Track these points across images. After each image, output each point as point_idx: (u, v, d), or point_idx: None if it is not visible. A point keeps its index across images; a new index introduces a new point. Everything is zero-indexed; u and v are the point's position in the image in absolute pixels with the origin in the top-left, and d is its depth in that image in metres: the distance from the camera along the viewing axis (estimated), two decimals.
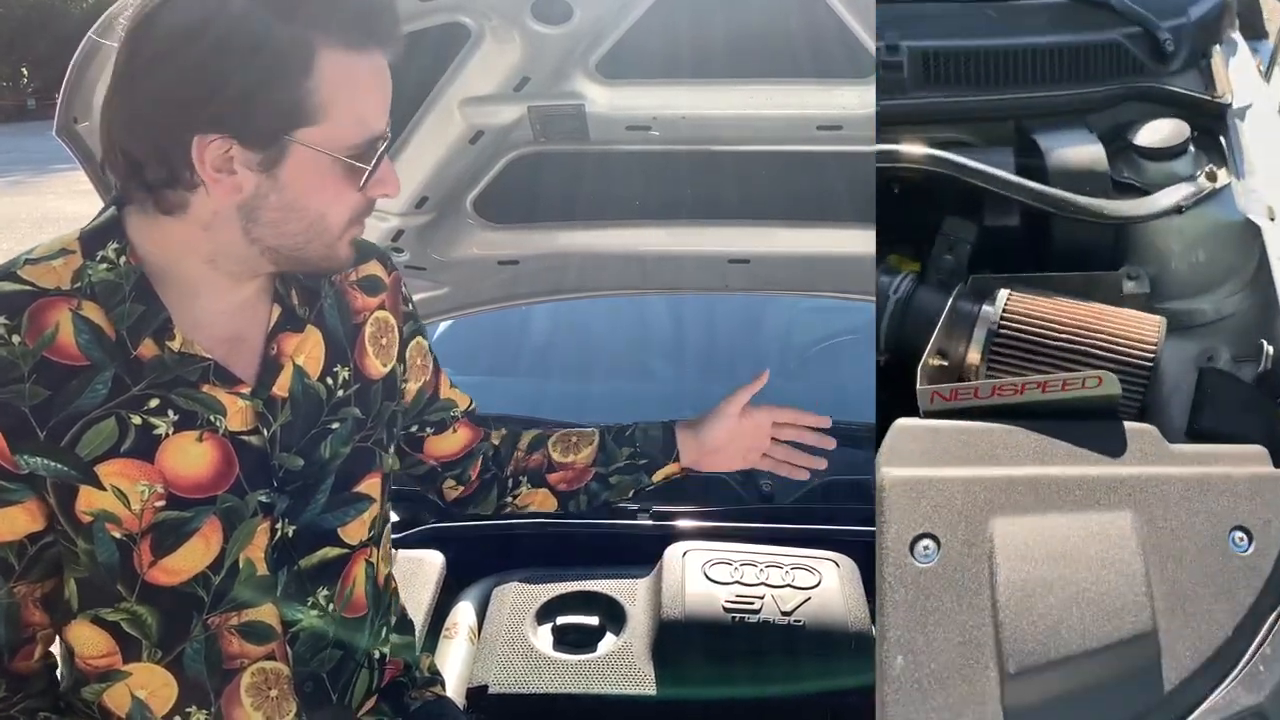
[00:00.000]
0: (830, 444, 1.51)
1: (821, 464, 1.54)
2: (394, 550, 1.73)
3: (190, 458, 1.12)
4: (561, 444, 1.51)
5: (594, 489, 1.50)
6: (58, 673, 1.25)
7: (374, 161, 1.09)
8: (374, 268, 1.32)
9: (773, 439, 1.53)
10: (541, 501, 1.52)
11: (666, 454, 1.50)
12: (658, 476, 1.51)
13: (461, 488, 1.50)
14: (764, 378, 1.52)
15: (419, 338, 1.41)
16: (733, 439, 1.50)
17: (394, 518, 1.78)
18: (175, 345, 1.11)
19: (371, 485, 1.27)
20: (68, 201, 15.06)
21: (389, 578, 1.39)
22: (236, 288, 1.16)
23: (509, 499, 1.51)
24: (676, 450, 1.50)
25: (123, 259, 1.11)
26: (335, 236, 1.12)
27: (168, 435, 1.11)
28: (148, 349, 1.10)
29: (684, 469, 1.51)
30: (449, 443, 1.47)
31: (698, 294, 2.37)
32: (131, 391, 1.10)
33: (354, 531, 1.26)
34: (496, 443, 1.52)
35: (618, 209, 2.04)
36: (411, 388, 1.39)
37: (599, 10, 1.60)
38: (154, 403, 1.11)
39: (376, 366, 1.29)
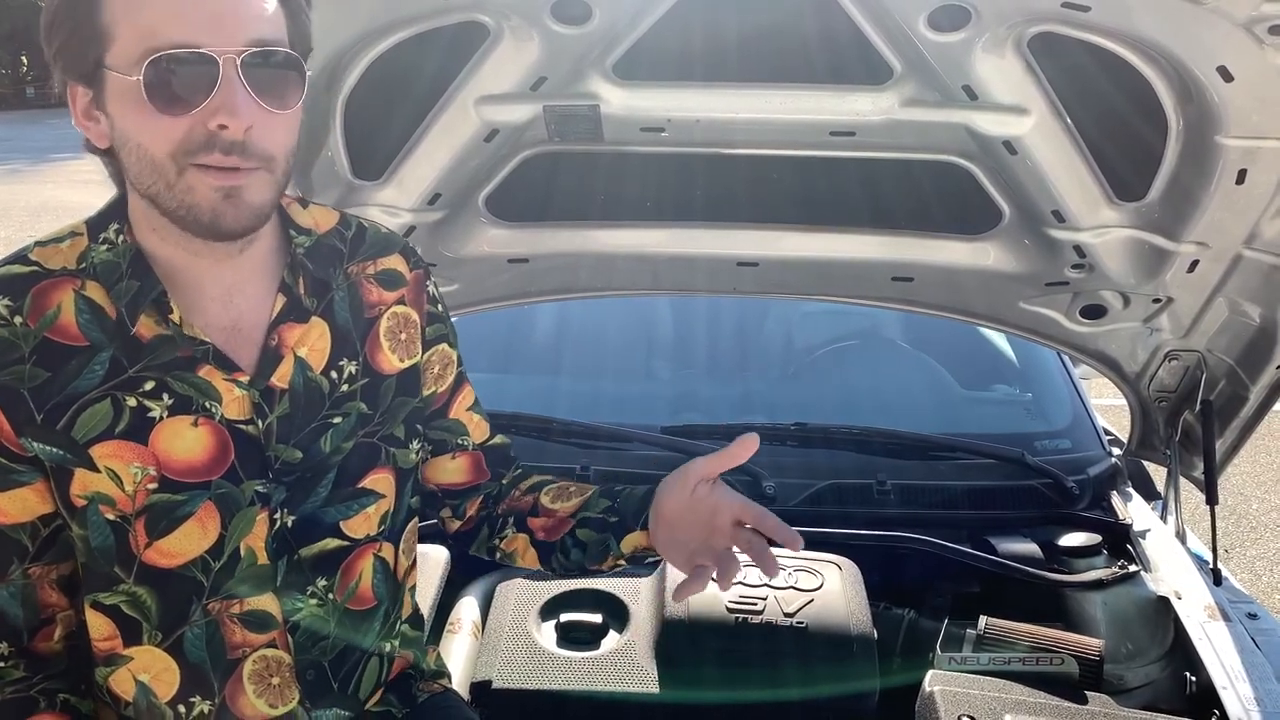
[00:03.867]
0: (773, 571, 1.24)
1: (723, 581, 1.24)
2: None
3: (184, 442, 1.13)
4: (556, 491, 1.39)
5: (567, 545, 1.35)
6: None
7: (152, 73, 1.01)
8: (395, 261, 1.30)
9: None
10: (523, 550, 1.39)
11: (637, 517, 1.30)
12: (625, 545, 1.31)
13: (458, 522, 1.44)
14: (750, 444, 1.23)
15: (445, 345, 1.35)
16: (683, 515, 1.25)
17: None
18: (175, 319, 1.12)
19: (378, 481, 1.26)
20: (66, 190, 15.05)
21: (409, 572, 1.37)
22: (214, 269, 1.15)
23: (497, 541, 1.41)
24: (647, 515, 1.29)
25: (121, 239, 1.13)
26: (172, 174, 1.04)
27: (162, 418, 1.12)
28: (147, 328, 1.12)
29: (650, 544, 1.30)
30: (446, 471, 1.40)
31: (707, 296, 2.38)
32: (128, 373, 1.11)
33: (358, 526, 1.25)
34: (505, 482, 1.44)
35: (629, 210, 2.05)
36: (423, 393, 1.34)
37: (618, 12, 1.61)
38: (149, 385, 1.12)
39: (392, 361, 1.27)
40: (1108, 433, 2.59)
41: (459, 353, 1.39)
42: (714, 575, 1.24)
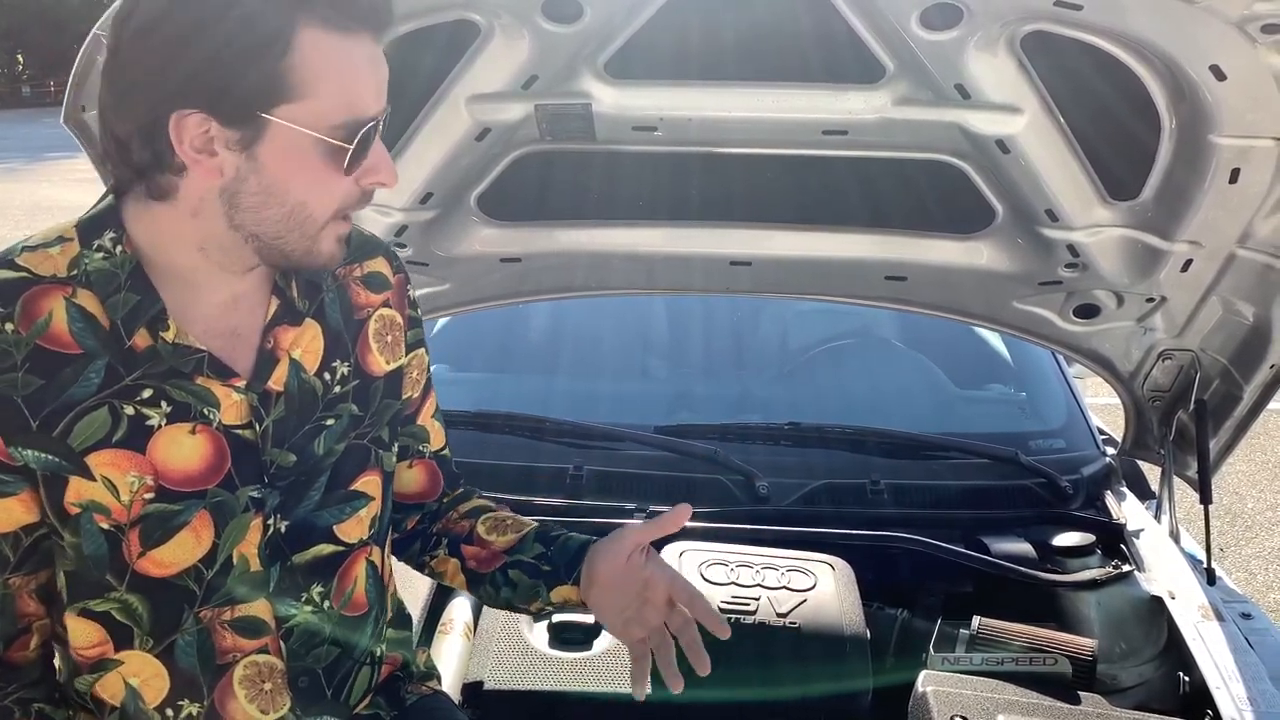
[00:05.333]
0: (706, 667, 1.26)
1: (678, 685, 1.27)
2: None
3: (183, 450, 1.12)
4: (492, 522, 1.38)
5: (499, 581, 1.33)
6: (55, 663, 1.24)
7: (357, 143, 1.06)
8: (379, 264, 1.31)
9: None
10: (452, 573, 1.38)
11: (570, 570, 1.29)
12: (555, 596, 1.30)
13: (395, 533, 1.42)
14: (683, 514, 1.26)
15: (421, 350, 1.37)
16: (615, 583, 1.25)
17: None
18: (169, 336, 1.10)
19: (368, 483, 1.26)
20: (62, 189, 15.05)
21: (391, 575, 1.37)
22: (231, 280, 1.15)
23: (427, 558, 1.41)
24: (579, 571, 1.29)
25: (118, 248, 1.10)
26: (318, 228, 1.10)
27: (160, 427, 1.11)
28: (142, 339, 1.10)
29: (581, 599, 1.29)
30: (400, 480, 1.39)
31: (701, 295, 2.38)
32: (124, 381, 1.10)
33: (351, 530, 1.24)
34: (445, 500, 1.45)
35: (622, 209, 2.04)
36: (402, 397, 1.34)
37: (609, 10, 1.61)
38: (147, 393, 1.10)
39: (379, 363, 1.28)
40: (1102, 432, 2.58)
41: (430, 358, 1.40)
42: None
